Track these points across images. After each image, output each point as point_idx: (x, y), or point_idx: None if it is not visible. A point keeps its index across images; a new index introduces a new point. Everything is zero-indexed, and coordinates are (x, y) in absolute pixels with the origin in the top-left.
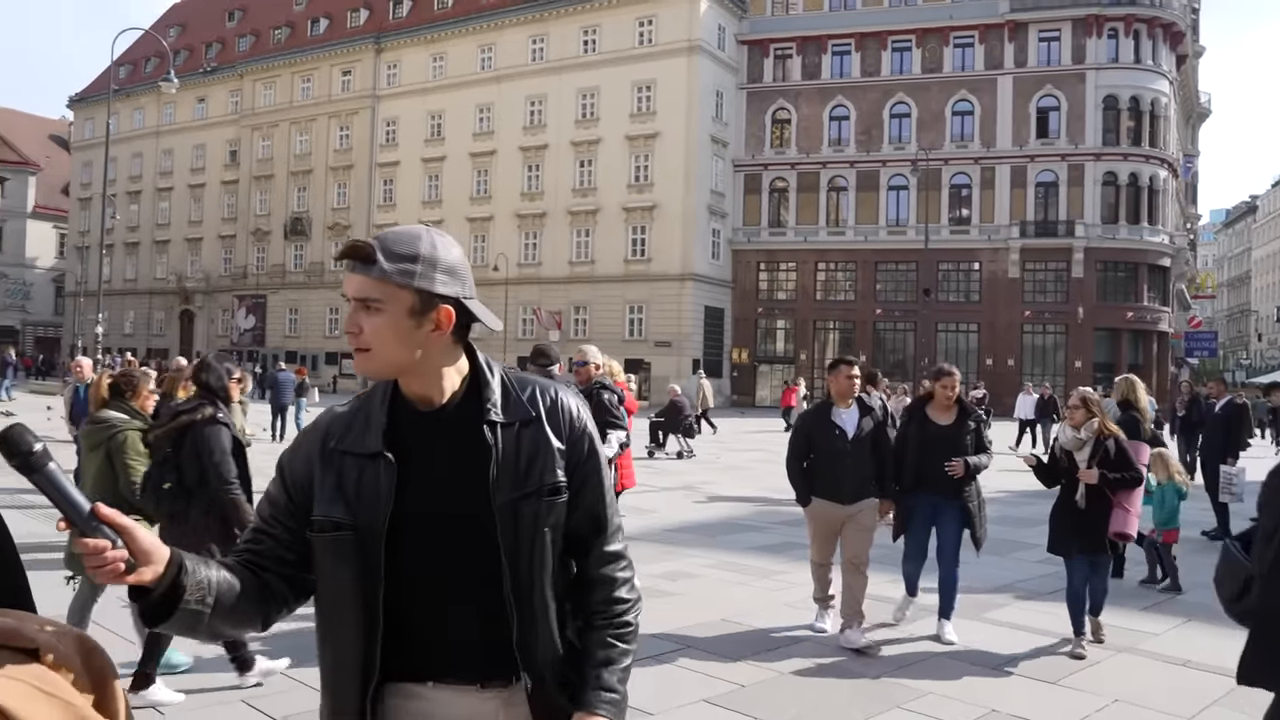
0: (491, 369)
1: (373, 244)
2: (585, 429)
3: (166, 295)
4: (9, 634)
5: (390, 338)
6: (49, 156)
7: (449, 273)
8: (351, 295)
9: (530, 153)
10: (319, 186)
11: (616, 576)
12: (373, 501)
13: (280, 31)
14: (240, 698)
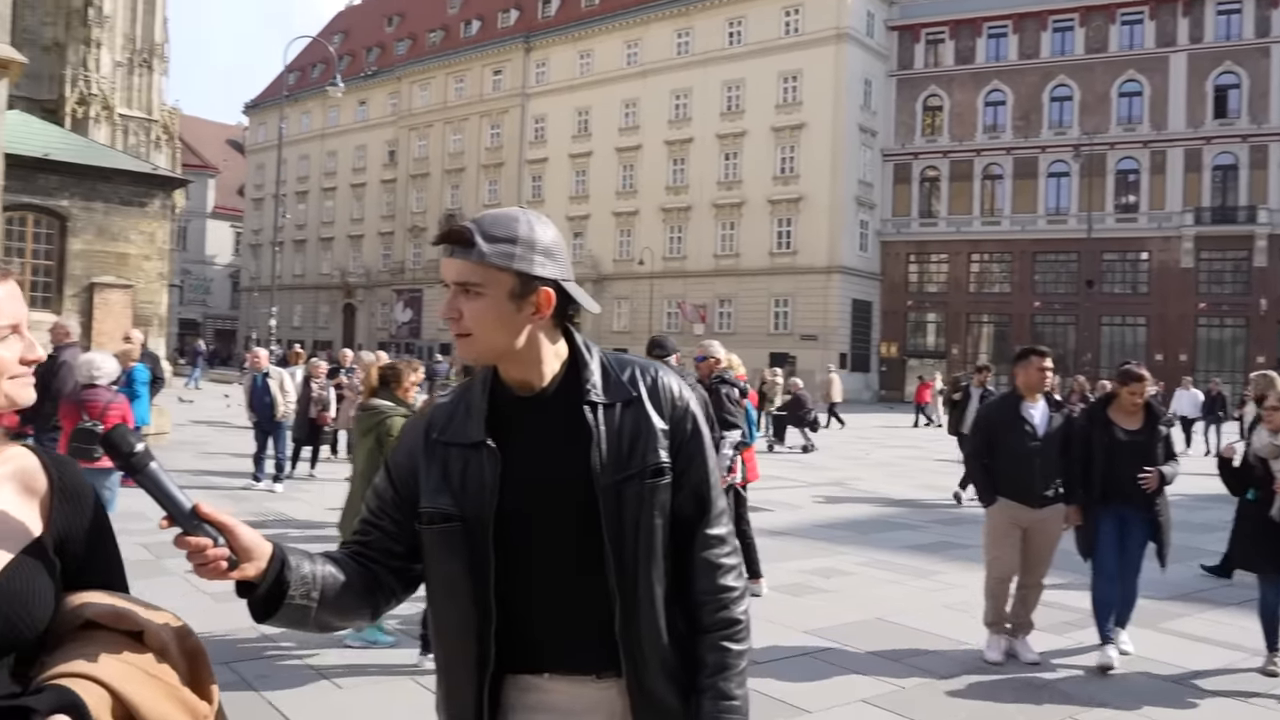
0: (590, 351)
1: (471, 227)
2: (688, 408)
3: (331, 290)
4: (115, 617)
5: (491, 322)
6: (226, 160)
7: (547, 254)
8: (451, 280)
9: (675, 146)
10: (471, 184)
11: (721, 562)
12: (478, 491)
13: (435, 34)
14: (411, 676)
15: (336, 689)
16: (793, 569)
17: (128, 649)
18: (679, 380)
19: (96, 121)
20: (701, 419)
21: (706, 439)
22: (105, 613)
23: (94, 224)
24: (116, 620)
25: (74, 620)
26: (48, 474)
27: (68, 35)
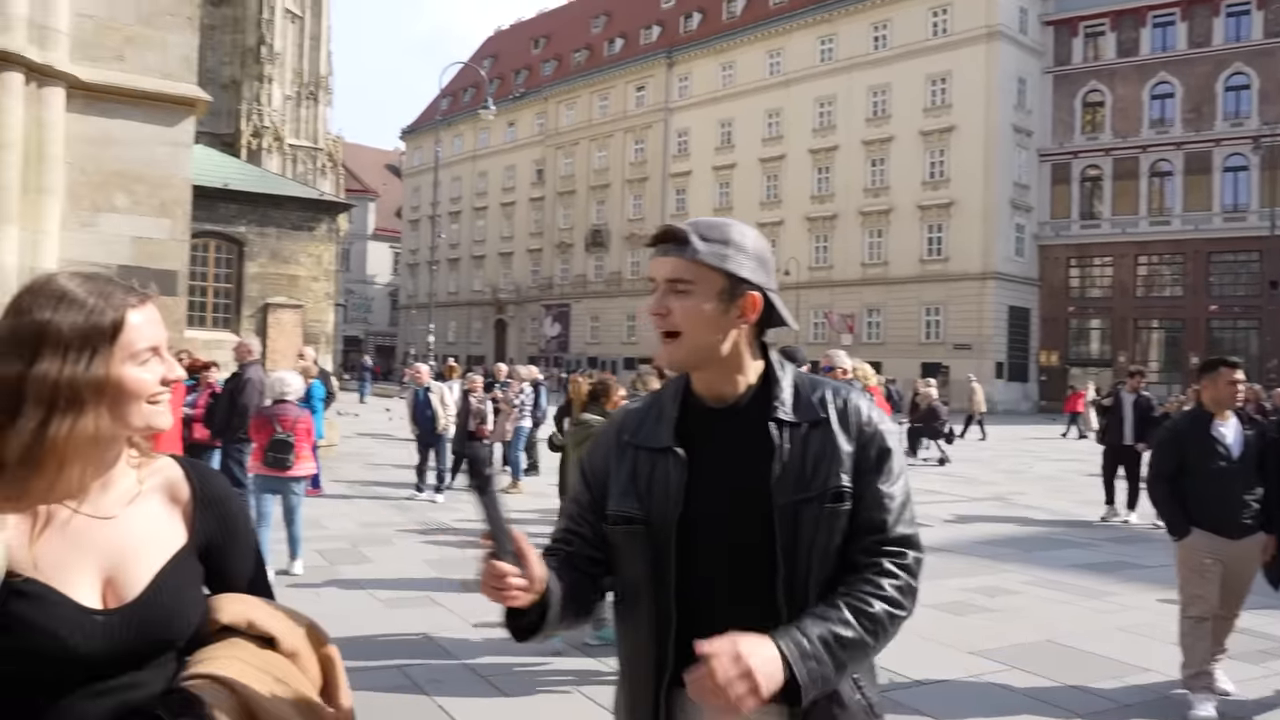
0: (783, 369)
1: (686, 228)
2: (876, 431)
3: (483, 306)
4: (249, 623)
5: (700, 320)
6: (385, 184)
7: (757, 261)
8: (663, 277)
9: (820, 155)
10: (616, 199)
11: (886, 566)
12: (663, 497)
13: (580, 54)
14: (578, 687)
15: (504, 696)
16: (954, 587)
17: (257, 654)
18: (870, 404)
19: (269, 152)
20: (893, 442)
21: (894, 464)
22: (238, 617)
23: (267, 248)
24: (250, 625)
25: (213, 624)
26: (190, 484)
27: (243, 73)
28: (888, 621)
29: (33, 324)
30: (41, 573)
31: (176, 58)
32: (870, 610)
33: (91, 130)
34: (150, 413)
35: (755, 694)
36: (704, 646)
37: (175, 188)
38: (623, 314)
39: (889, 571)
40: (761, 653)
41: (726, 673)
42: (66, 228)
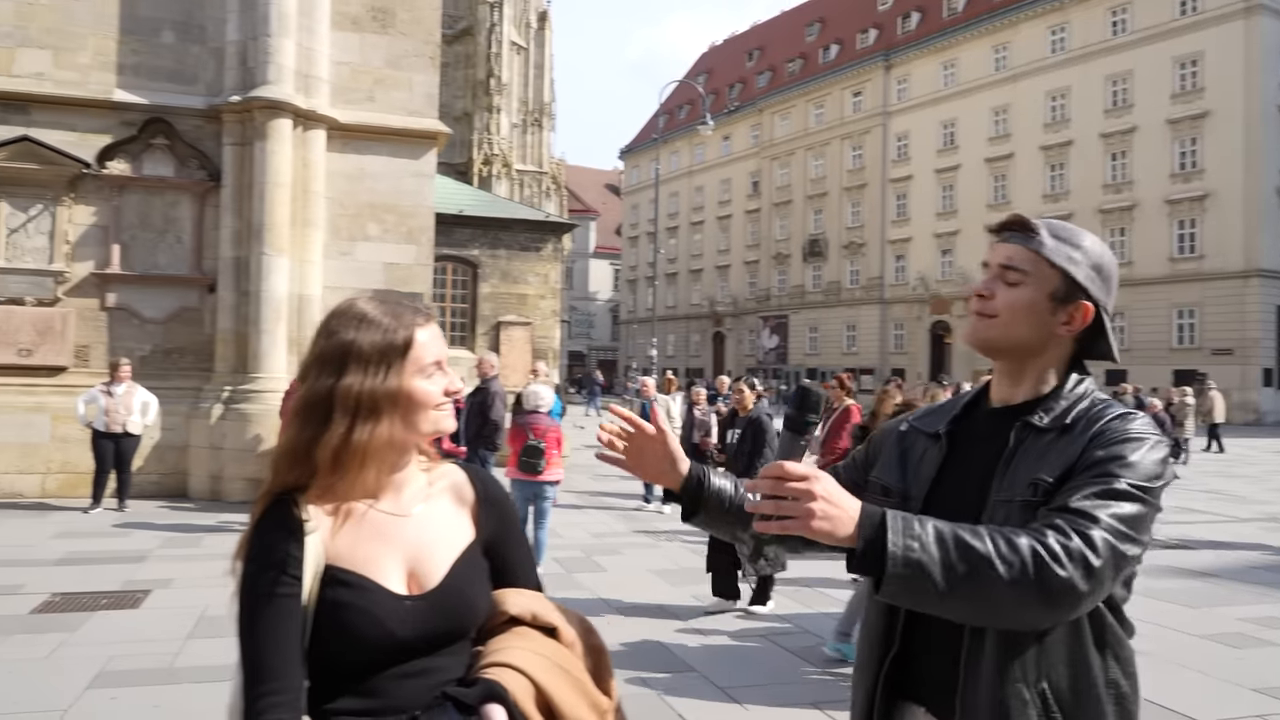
0: (1080, 385)
1: (1037, 221)
2: (1111, 437)
3: (700, 319)
4: (533, 615)
5: (1022, 313)
6: (604, 203)
7: (1099, 272)
8: (997, 261)
9: (1052, 151)
10: (834, 208)
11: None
12: (917, 478)
13: (794, 64)
14: (819, 708)
15: (740, 706)
16: (1228, 616)
17: (543, 644)
18: (1136, 420)
19: (498, 178)
20: (1132, 451)
21: (1116, 466)
22: (524, 609)
23: (499, 269)
24: (534, 617)
25: (499, 616)
26: (474, 486)
27: (474, 105)
28: (1033, 565)
29: (340, 344)
30: (355, 564)
31: (421, 95)
32: (1015, 541)
33: (347, 166)
34: (436, 419)
35: (808, 517)
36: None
37: (420, 216)
38: (842, 324)
39: (1059, 528)
40: (837, 491)
41: (791, 483)
42: (327, 256)
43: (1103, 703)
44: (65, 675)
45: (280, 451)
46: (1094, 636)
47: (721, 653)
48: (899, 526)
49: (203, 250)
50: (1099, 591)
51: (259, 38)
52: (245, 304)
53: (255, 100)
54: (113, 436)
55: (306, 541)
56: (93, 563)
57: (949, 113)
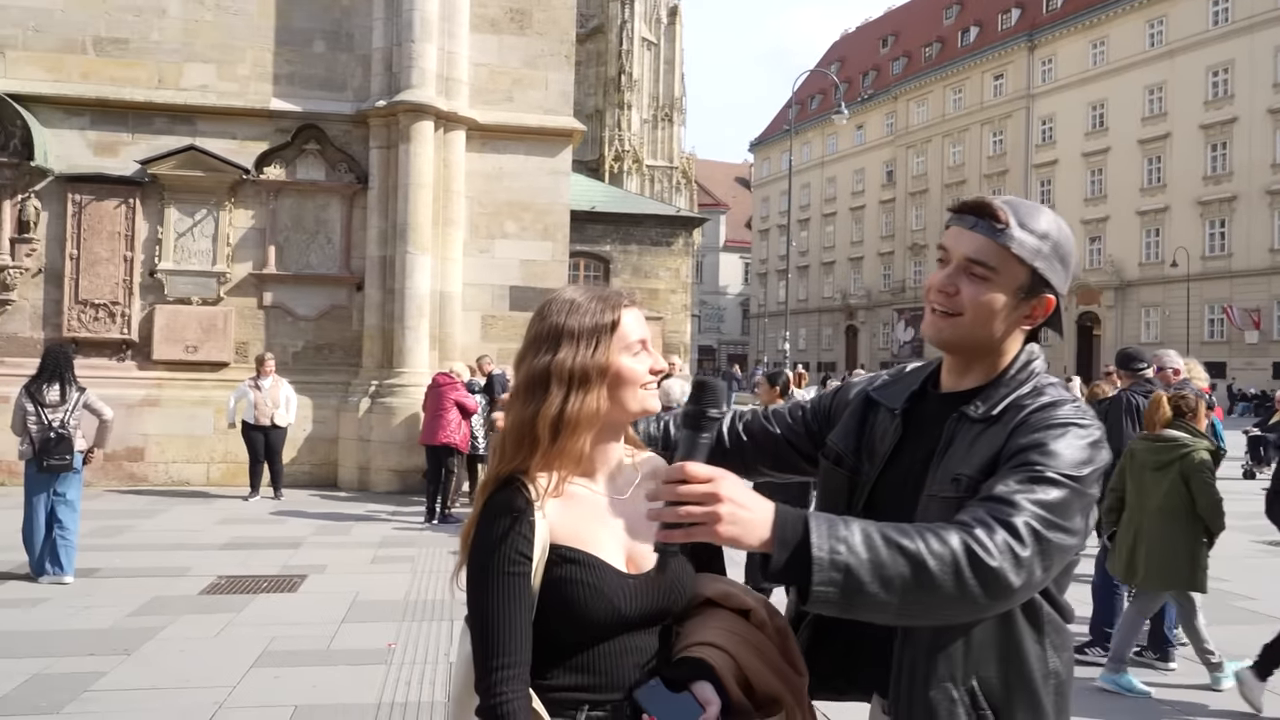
0: (1027, 369)
1: (1006, 208)
2: (1039, 425)
3: (833, 312)
4: (728, 597)
5: (989, 312)
6: (734, 197)
7: (1062, 261)
8: (963, 254)
9: (1213, 130)
10: (972, 196)
11: (983, 516)
12: (872, 454)
13: (930, 49)
14: None
15: None
16: None
17: (738, 624)
18: (1068, 406)
19: (629, 174)
20: (1060, 440)
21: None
22: (720, 592)
23: (630, 264)
24: (727, 599)
25: (696, 598)
26: None
27: (605, 102)
28: (965, 562)
29: (553, 325)
30: (581, 542)
31: (556, 94)
32: (944, 536)
33: (486, 166)
34: (644, 397)
35: (714, 523)
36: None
37: (556, 213)
38: None
39: (982, 519)
40: (745, 493)
41: (692, 486)
42: (467, 254)
43: (1039, 694)
44: (232, 654)
45: (506, 431)
46: (1030, 626)
47: None
48: (823, 529)
49: (351, 250)
50: (1032, 582)
51: (403, 43)
52: (390, 301)
53: (400, 104)
54: (261, 429)
55: (535, 521)
56: (253, 548)
57: (1098, 93)
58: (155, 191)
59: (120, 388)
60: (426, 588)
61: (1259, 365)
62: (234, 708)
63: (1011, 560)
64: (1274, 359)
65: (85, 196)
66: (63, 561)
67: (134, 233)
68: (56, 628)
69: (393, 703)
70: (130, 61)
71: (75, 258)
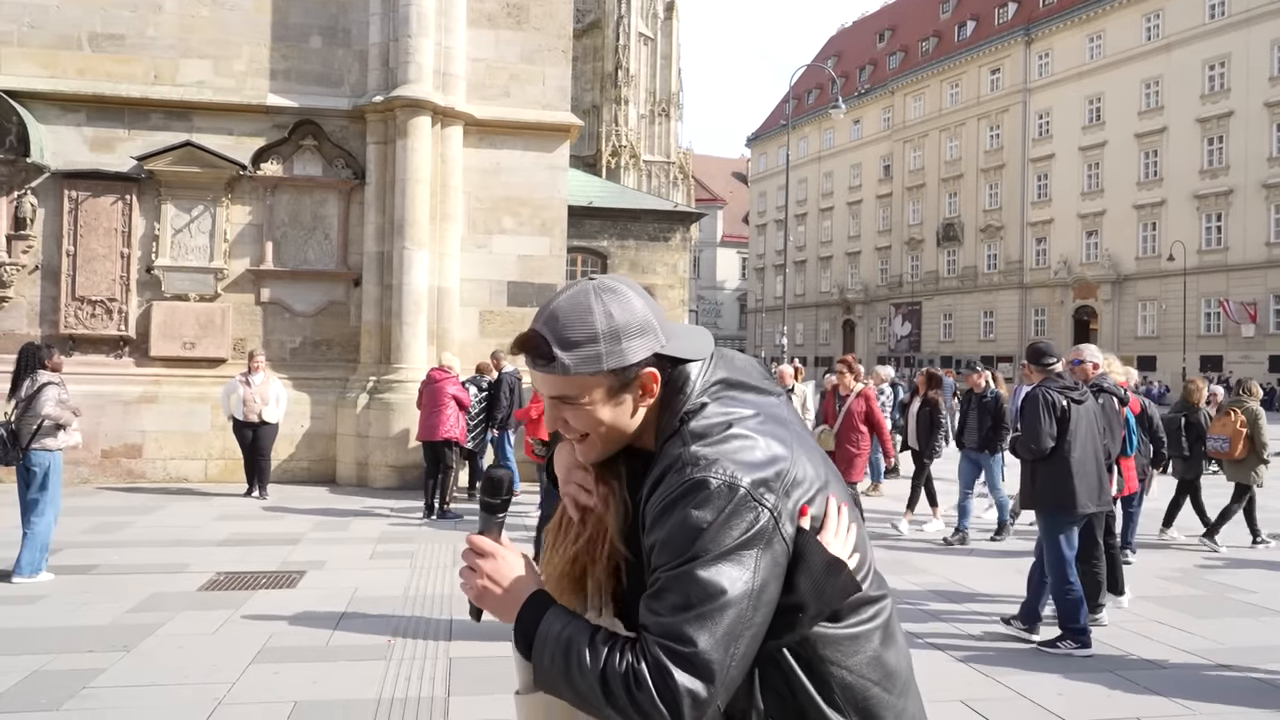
0: (684, 424)
1: (544, 336)
2: (665, 508)
3: (830, 307)
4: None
5: (602, 424)
6: (731, 192)
7: (637, 335)
8: (549, 394)
9: (1210, 124)
10: (969, 190)
11: (648, 650)
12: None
13: (927, 43)
14: (960, 698)
15: None
16: None
17: None
18: (678, 483)
19: (626, 170)
20: (686, 520)
21: (682, 545)
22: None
23: (627, 259)
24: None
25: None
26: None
27: (602, 97)
28: (621, 691)
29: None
30: None
31: (553, 89)
32: (614, 664)
33: (483, 161)
34: None
35: (478, 594)
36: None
37: (554, 208)
38: (978, 309)
39: (646, 656)
40: (511, 574)
41: (472, 557)
42: (464, 249)
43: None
44: (231, 650)
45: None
46: (810, 682)
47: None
48: (546, 635)
49: (348, 246)
50: (715, 701)
51: (400, 39)
52: (388, 297)
53: (397, 99)
54: (249, 425)
55: None
56: (252, 544)
57: (1095, 87)
58: (152, 188)
59: (118, 384)
60: (426, 583)
61: (1255, 359)
62: (233, 704)
63: (672, 710)
64: (1270, 352)
65: (82, 193)
66: (22, 561)
67: (131, 229)
68: (55, 624)
69: (392, 698)
70: (126, 57)
71: (72, 254)
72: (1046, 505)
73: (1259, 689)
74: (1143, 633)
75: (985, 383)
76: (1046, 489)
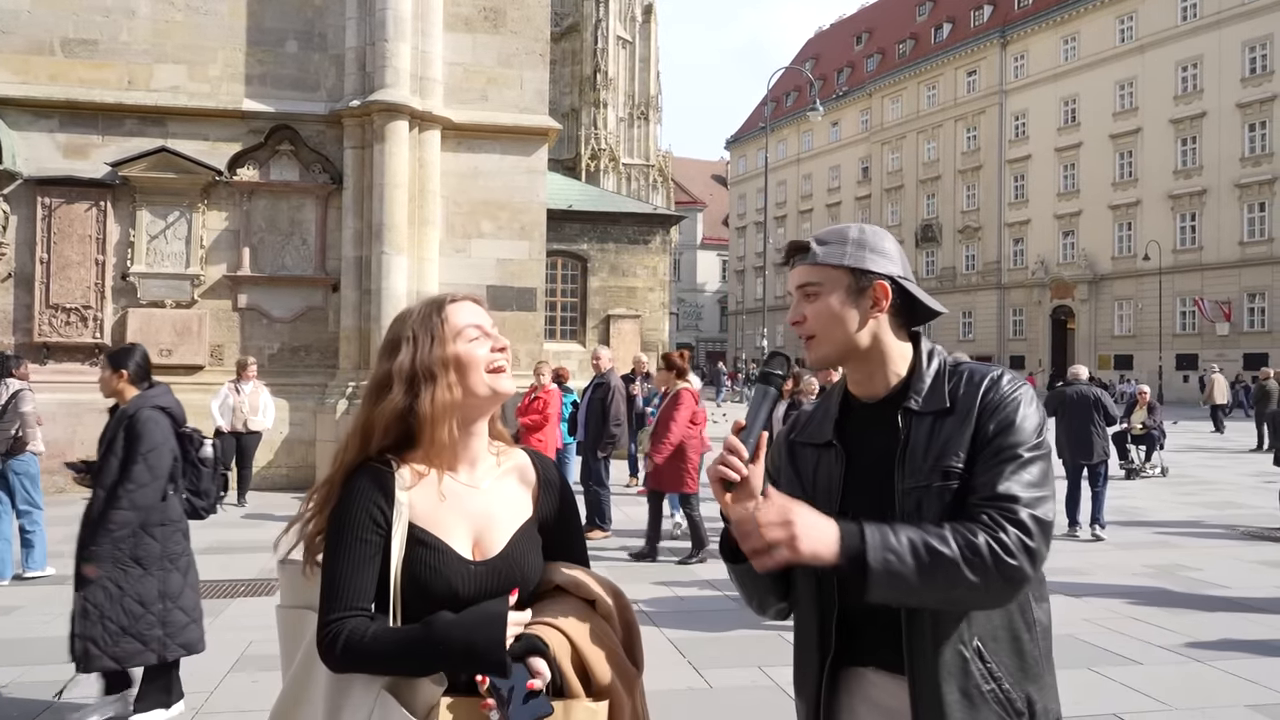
0: (930, 359)
1: (809, 240)
2: (999, 407)
3: None
4: (575, 585)
5: (831, 319)
6: (711, 194)
7: (879, 253)
8: (793, 286)
9: (1184, 124)
10: (948, 191)
11: (993, 517)
12: (825, 490)
13: (904, 45)
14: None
15: None
16: None
17: (583, 612)
18: (1006, 380)
19: (605, 173)
20: (1019, 414)
21: (1014, 436)
22: (569, 580)
23: (607, 262)
24: (576, 588)
25: (547, 585)
26: (536, 470)
27: (581, 100)
28: (991, 560)
29: (391, 335)
30: (433, 526)
31: (531, 92)
32: (973, 539)
33: (461, 165)
34: (491, 380)
35: (791, 546)
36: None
37: (532, 212)
38: (957, 310)
39: (997, 522)
40: (811, 517)
41: (767, 515)
42: (443, 254)
43: (1029, 644)
44: (211, 658)
45: (351, 429)
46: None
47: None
48: (878, 540)
49: (326, 251)
50: (1040, 564)
51: (376, 43)
52: (367, 302)
53: (374, 104)
54: (235, 433)
55: (397, 497)
56: (231, 551)
57: (1070, 88)
58: (127, 194)
59: (94, 392)
60: None
61: (1230, 357)
62: (212, 713)
63: (1026, 554)
64: (1245, 350)
65: (55, 199)
66: (35, 555)
67: (105, 235)
68: (31, 635)
69: None
70: (99, 63)
71: (46, 261)
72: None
73: (1233, 685)
74: (1119, 629)
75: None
76: None
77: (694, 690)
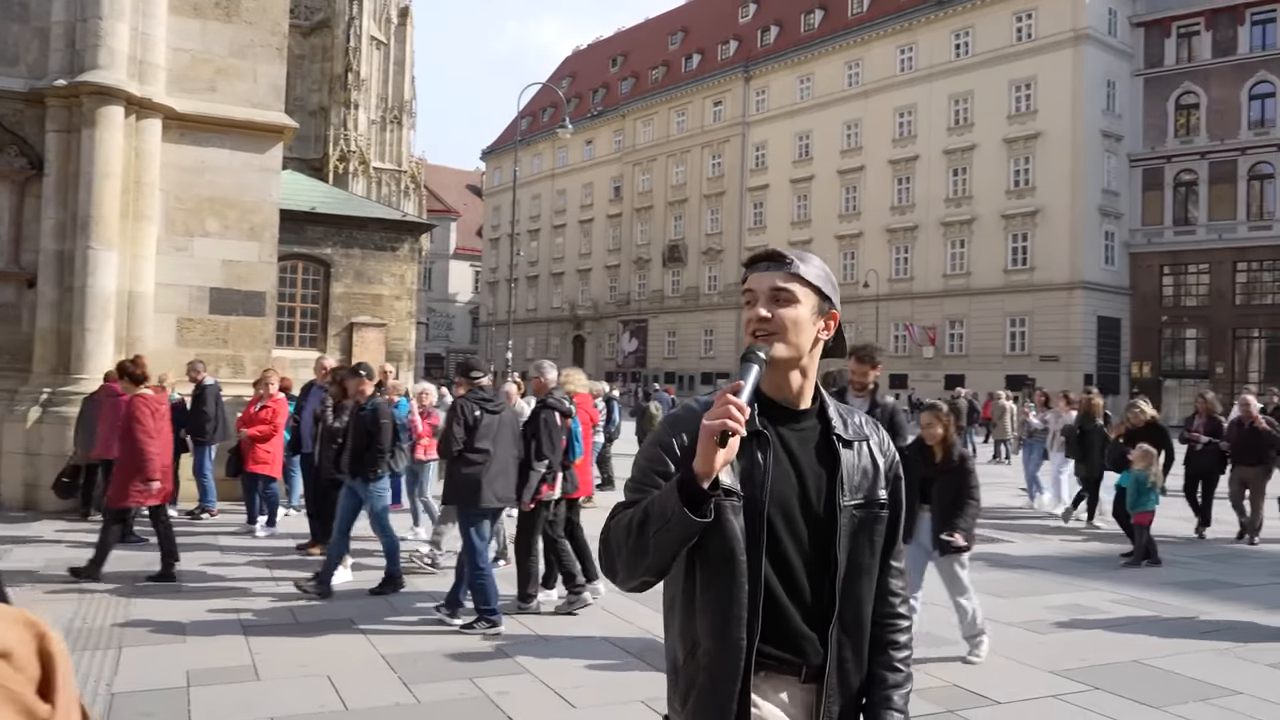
0: (824, 392)
1: (786, 251)
2: (895, 457)
3: (561, 322)
4: None
5: (797, 326)
6: (466, 204)
7: (832, 285)
8: (767, 288)
9: (900, 165)
10: (694, 214)
11: (899, 592)
12: (750, 471)
13: (657, 71)
14: (641, 698)
15: (569, 707)
16: (1037, 605)
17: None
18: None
19: (354, 176)
20: (901, 468)
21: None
22: None
23: (352, 269)
24: None
25: None
26: None
27: (330, 100)
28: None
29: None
30: None
31: (266, 87)
32: (908, 651)
33: (186, 159)
34: None
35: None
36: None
37: (264, 212)
38: (700, 328)
39: (903, 598)
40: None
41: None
42: (162, 252)
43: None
44: None
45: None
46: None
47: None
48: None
49: (22, 243)
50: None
51: (89, 19)
52: (69, 300)
53: (83, 85)
54: None
55: None
56: None
57: (804, 125)
58: None
59: None
60: (94, 613)
61: (934, 377)
62: None
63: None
64: (946, 371)
65: None
66: None
67: None
68: None
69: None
70: None
71: None
72: (461, 500)
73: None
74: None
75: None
76: (461, 487)
77: (401, 706)
